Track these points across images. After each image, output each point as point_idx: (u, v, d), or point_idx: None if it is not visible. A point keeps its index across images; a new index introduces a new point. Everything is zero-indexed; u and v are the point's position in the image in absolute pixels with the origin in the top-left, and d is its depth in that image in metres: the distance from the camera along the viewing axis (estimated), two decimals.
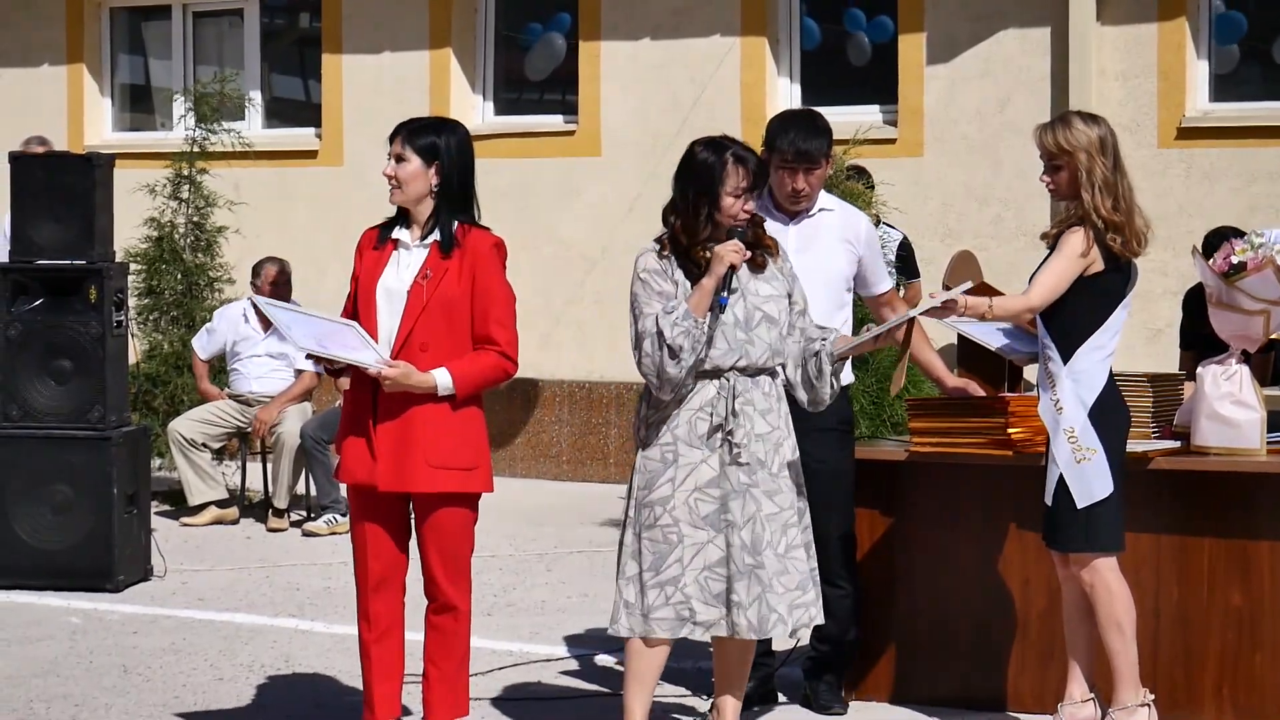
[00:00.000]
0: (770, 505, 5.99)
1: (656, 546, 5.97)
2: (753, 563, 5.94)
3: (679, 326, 5.84)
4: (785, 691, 7.13)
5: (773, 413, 6.04)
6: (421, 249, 6.11)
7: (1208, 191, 11.80)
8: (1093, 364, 6.22)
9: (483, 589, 9.09)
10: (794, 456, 6.12)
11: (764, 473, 5.99)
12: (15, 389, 9.29)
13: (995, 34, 12.28)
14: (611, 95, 13.26)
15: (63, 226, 9.25)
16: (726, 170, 5.96)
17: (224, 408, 11.42)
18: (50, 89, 14.97)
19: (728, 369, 5.96)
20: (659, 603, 5.96)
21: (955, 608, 6.93)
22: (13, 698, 7.17)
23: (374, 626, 6.17)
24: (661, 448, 5.99)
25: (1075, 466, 6.20)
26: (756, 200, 6.10)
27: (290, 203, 14.04)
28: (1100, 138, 6.30)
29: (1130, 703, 6.29)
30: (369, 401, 6.06)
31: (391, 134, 6.13)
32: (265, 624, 8.54)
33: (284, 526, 11.14)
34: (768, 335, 6.00)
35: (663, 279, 5.97)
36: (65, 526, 9.20)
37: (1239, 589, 6.60)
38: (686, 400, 5.97)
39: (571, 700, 7.15)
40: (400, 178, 6.08)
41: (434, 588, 6.14)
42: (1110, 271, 6.22)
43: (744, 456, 5.94)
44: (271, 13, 14.87)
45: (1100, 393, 6.22)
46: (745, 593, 5.93)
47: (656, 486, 5.99)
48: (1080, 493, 6.20)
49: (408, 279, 6.07)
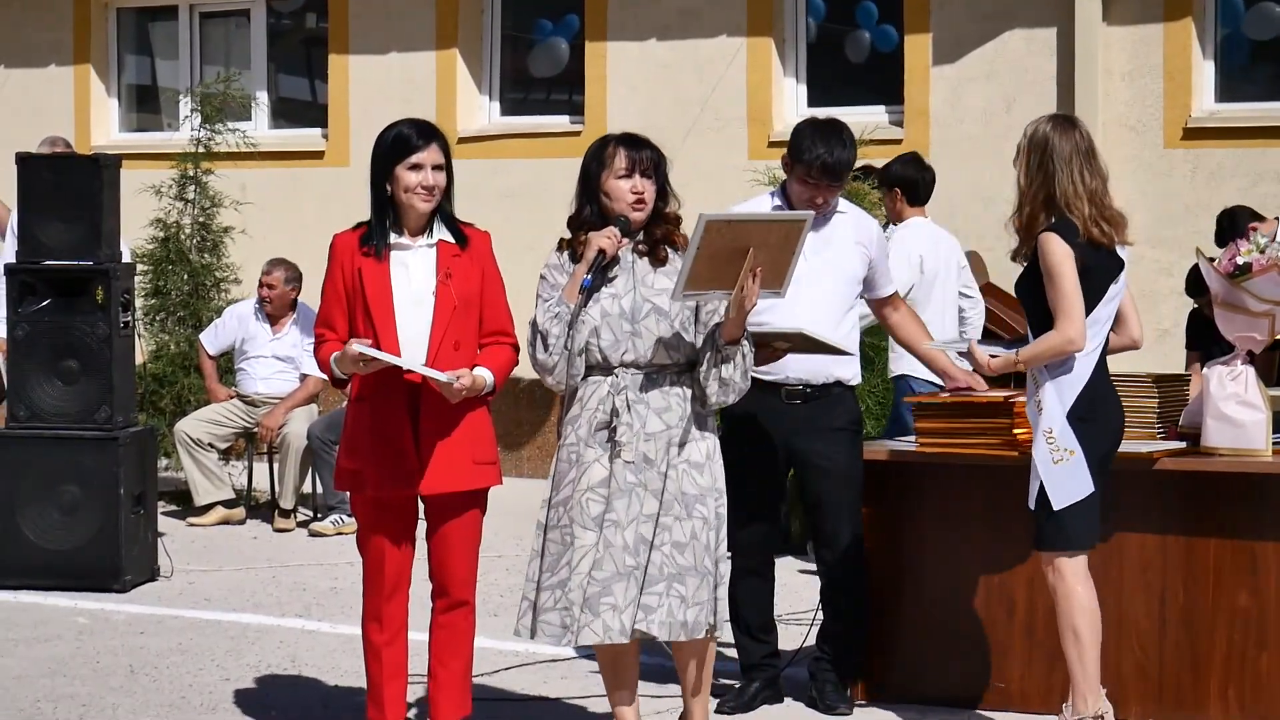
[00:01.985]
0: (655, 505, 5.93)
1: (554, 548, 5.99)
2: (633, 564, 5.89)
3: (549, 312, 5.90)
4: (791, 693, 7.13)
5: (671, 411, 5.97)
6: (427, 249, 6.11)
7: (1214, 192, 11.78)
8: (1073, 363, 6.17)
9: (489, 589, 9.10)
10: (705, 460, 6.01)
11: (652, 472, 5.93)
12: (23, 389, 9.30)
13: (1001, 34, 12.27)
14: (618, 96, 13.25)
15: (70, 227, 9.26)
16: (605, 154, 6.03)
17: (230, 408, 11.43)
18: (57, 90, 14.97)
19: (617, 364, 5.95)
20: (548, 605, 5.97)
21: (962, 607, 6.93)
22: (20, 697, 7.18)
23: (386, 628, 6.19)
24: (568, 448, 6.02)
25: (1053, 468, 6.16)
26: (650, 183, 6.00)
27: (297, 203, 14.04)
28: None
29: (1085, 713, 6.23)
30: (405, 411, 6.04)
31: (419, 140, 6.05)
32: (272, 624, 8.55)
33: (290, 527, 11.14)
34: (657, 328, 5.94)
35: (558, 273, 6.02)
36: (72, 527, 9.21)
37: (1245, 589, 6.60)
38: (586, 400, 5.98)
39: (576, 701, 7.15)
40: (440, 186, 6.09)
41: (455, 585, 6.18)
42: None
43: (627, 454, 5.91)
44: (278, 13, 14.87)
45: (1081, 392, 6.17)
46: (622, 595, 5.88)
47: (561, 488, 6.01)
48: (1057, 494, 6.16)
49: (427, 281, 6.07)
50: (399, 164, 6.06)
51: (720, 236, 5.74)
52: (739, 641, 6.99)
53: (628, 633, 5.88)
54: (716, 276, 5.79)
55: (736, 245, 5.77)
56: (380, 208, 6.10)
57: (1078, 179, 6.13)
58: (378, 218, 6.11)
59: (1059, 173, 6.13)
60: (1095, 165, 6.19)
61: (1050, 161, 6.14)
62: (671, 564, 5.91)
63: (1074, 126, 6.22)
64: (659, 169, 6.06)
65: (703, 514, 5.98)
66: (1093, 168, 6.17)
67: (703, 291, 5.84)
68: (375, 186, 6.12)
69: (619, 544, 5.89)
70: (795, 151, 6.80)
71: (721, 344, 5.91)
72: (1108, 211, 6.17)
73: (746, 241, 5.78)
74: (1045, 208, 6.15)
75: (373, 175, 6.14)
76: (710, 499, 6.01)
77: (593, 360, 5.97)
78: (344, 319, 6.10)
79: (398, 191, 6.07)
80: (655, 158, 6.05)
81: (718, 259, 5.76)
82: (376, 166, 6.12)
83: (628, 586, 5.88)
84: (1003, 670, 6.88)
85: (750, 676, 7.01)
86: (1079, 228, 6.11)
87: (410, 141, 6.06)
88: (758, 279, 5.82)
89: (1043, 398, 6.18)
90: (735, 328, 5.89)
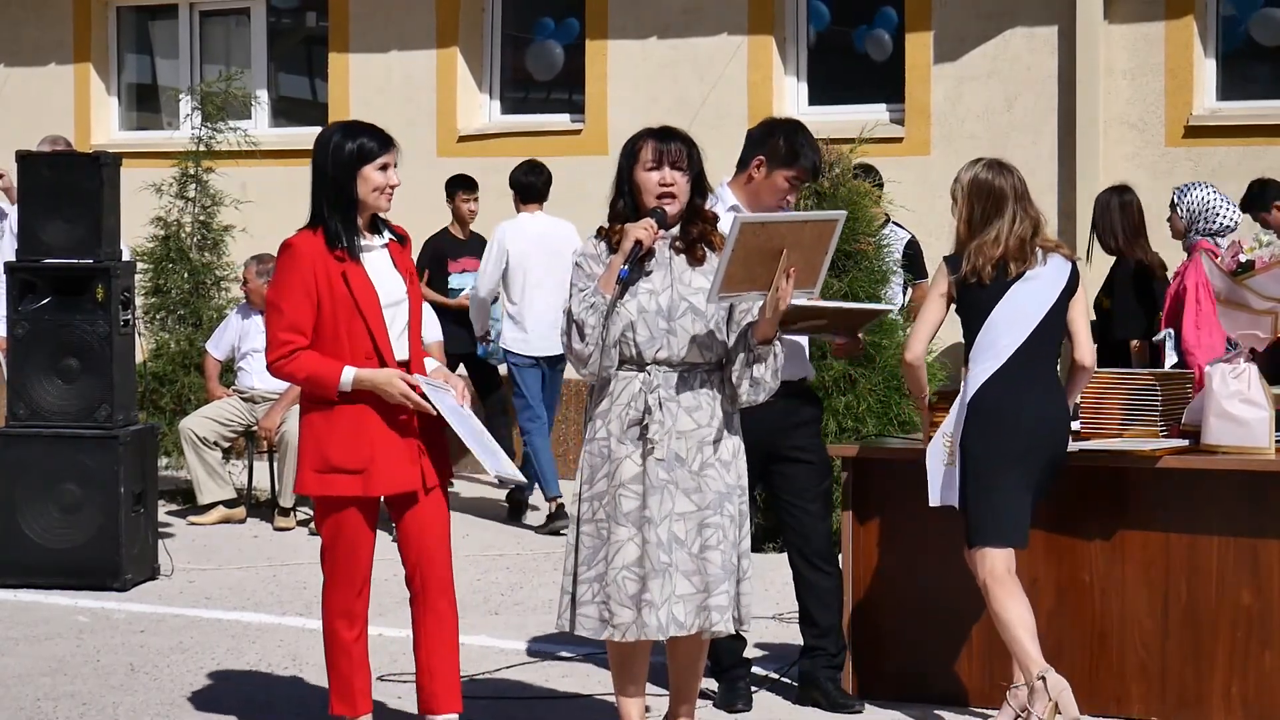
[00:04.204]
0: (686, 503, 5.94)
1: (591, 541, 6.00)
2: (667, 561, 5.91)
3: (585, 302, 5.88)
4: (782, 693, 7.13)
5: (702, 410, 5.97)
6: (380, 250, 6.23)
7: None
8: (969, 378, 6.46)
9: (489, 588, 9.09)
10: (731, 458, 6.04)
11: (683, 470, 5.95)
12: (23, 388, 9.29)
13: (1003, 32, 12.27)
14: (618, 94, 13.25)
15: (70, 225, 9.24)
16: (636, 147, 6.02)
17: (233, 406, 11.43)
18: (57, 88, 14.97)
19: (650, 360, 5.95)
20: (586, 598, 5.98)
21: (962, 606, 6.91)
22: (20, 696, 7.17)
23: (354, 624, 6.25)
24: (599, 443, 6.02)
25: (940, 467, 6.49)
26: (681, 175, 5.98)
27: (297, 201, 13.89)
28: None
29: (1030, 680, 6.33)
30: (407, 409, 6.10)
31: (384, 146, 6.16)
32: (272, 623, 8.54)
33: (291, 525, 11.14)
34: (692, 327, 5.94)
35: (595, 263, 5.99)
36: (73, 525, 9.20)
37: (1248, 587, 6.60)
38: (617, 395, 5.97)
39: (577, 700, 7.15)
40: (396, 187, 6.23)
41: (443, 571, 6.23)
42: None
43: (658, 452, 5.91)
44: (278, 12, 14.87)
45: (970, 402, 6.42)
46: (658, 591, 5.89)
47: (595, 481, 6.01)
48: (944, 493, 6.50)
49: (395, 280, 6.19)
50: (368, 164, 6.13)
51: (755, 238, 5.77)
52: (717, 644, 6.94)
53: (664, 630, 5.90)
54: (751, 277, 5.82)
55: (771, 246, 5.79)
56: (340, 210, 6.14)
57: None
58: (344, 219, 6.13)
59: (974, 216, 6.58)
60: (1023, 205, 6.56)
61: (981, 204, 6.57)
62: (729, 562, 5.97)
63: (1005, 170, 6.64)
64: (693, 162, 6.02)
65: (730, 512, 6.01)
66: (1019, 208, 6.55)
67: (738, 293, 5.86)
68: (334, 189, 6.16)
69: (654, 540, 5.91)
70: (784, 153, 6.80)
71: (754, 344, 5.93)
72: (988, 249, 6.49)
73: (780, 243, 5.80)
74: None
75: (337, 178, 6.16)
76: (735, 496, 6.05)
77: (626, 354, 5.96)
78: (313, 323, 6.10)
79: (365, 191, 6.14)
80: (688, 150, 6.02)
81: (751, 260, 5.79)
82: (339, 170, 6.15)
83: (664, 583, 5.90)
84: (1003, 668, 6.86)
85: (734, 675, 7.00)
86: (962, 263, 6.51)
87: (376, 145, 6.17)
88: (791, 279, 5.84)
89: (954, 406, 6.50)
90: (769, 327, 5.91)
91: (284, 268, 6.15)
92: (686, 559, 5.93)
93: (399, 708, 6.90)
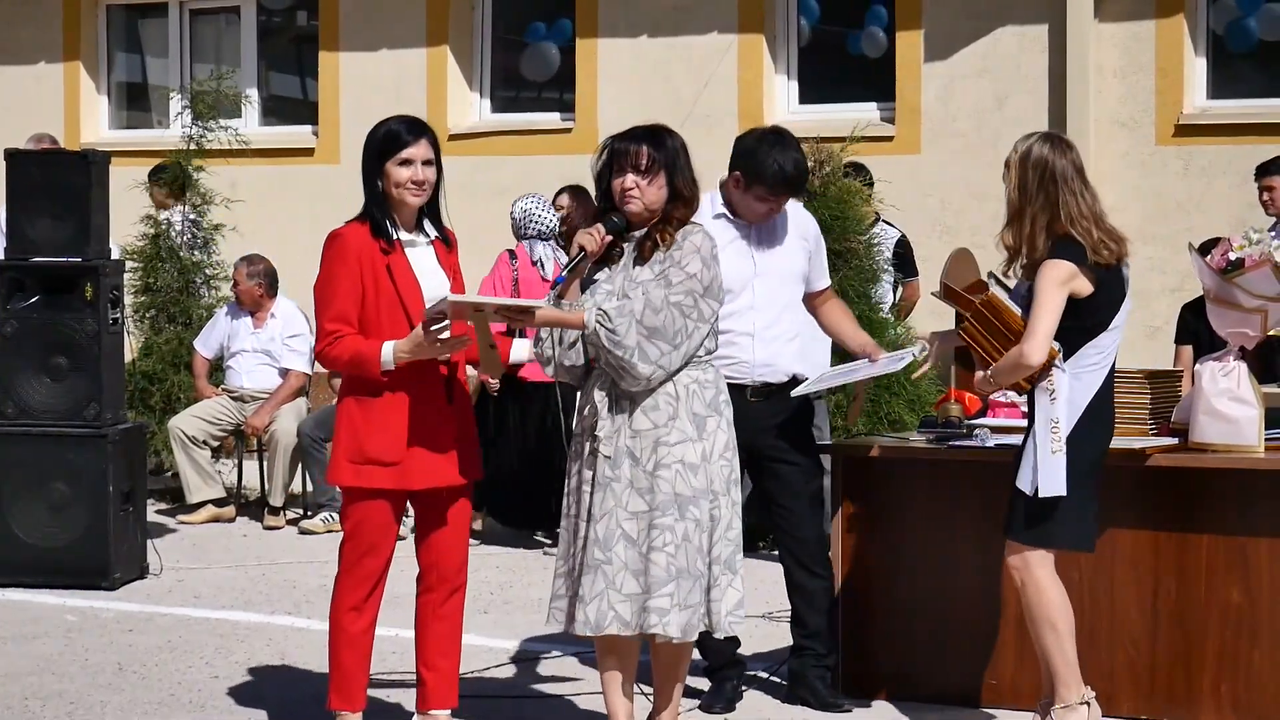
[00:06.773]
0: (639, 502, 5.93)
1: (565, 536, 6.11)
2: (601, 558, 5.92)
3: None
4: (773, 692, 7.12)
5: (659, 410, 5.95)
6: (425, 247, 6.18)
7: (1205, 188, 11.79)
8: (1090, 370, 6.16)
9: (480, 586, 9.08)
10: (701, 461, 5.98)
11: (638, 469, 5.94)
12: (11, 386, 9.26)
13: (993, 31, 12.27)
14: (609, 93, 13.24)
15: (59, 223, 9.22)
16: (603, 153, 6.06)
17: (222, 405, 11.41)
18: (47, 87, 14.96)
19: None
20: (560, 592, 6.09)
21: (955, 604, 6.91)
22: (8, 695, 7.16)
23: (363, 617, 6.22)
24: (576, 441, 6.12)
25: (1050, 457, 6.12)
26: (643, 178, 5.96)
27: (287, 200, 14.02)
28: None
29: (1071, 700, 6.23)
30: (444, 399, 6.11)
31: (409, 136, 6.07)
32: (261, 621, 8.52)
33: (280, 524, 11.12)
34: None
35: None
36: (61, 524, 9.18)
37: (1237, 586, 6.59)
38: (587, 393, 6.05)
39: (567, 698, 7.14)
40: (430, 181, 6.12)
41: (458, 569, 6.26)
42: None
43: (604, 449, 5.94)
44: (268, 10, 14.85)
45: (1091, 400, 6.17)
46: (589, 587, 5.93)
47: (570, 478, 6.10)
48: (1047, 483, 6.11)
49: (439, 277, 6.16)
50: (390, 160, 6.07)
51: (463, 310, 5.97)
52: (706, 644, 6.94)
53: (593, 626, 5.92)
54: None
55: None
56: (377, 204, 6.11)
57: (1081, 201, 6.13)
58: (379, 213, 6.11)
59: (1062, 194, 6.12)
60: (1089, 186, 6.20)
61: (1051, 183, 6.13)
62: (675, 565, 5.93)
63: (1069, 147, 6.23)
64: (658, 162, 5.97)
65: (695, 516, 5.97)
66: (1089, 188, 6.18)
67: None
68: (368, 183, 6.13)
69: (591, 537, 5.95)
70: (752, 168, 6.77)
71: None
72: (1113, 232, 6.18)
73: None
74: (1046, 229, 6.14)
75: (365, 172, 6.14)
76: (704, 501, 5.99)
77: (591, 354, 5.99)
78: (359, 313, 6.08)
79: (389, 187, 6.08)
80: (653, 152, 5.97)
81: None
82: (368, 163, 6.13)
83: (594, 579, 5.92)
84: (995, 667, 6.87)
85: (723, 676, 6.99)
86: (1086, 250, 6.11)
87: (400, 137, 6.08)
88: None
89: (1057, 388, 6.15)
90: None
91: (331, 258, 6.12)
92: (636, 558, 5.93)
93: (385, 705, 6.89)
